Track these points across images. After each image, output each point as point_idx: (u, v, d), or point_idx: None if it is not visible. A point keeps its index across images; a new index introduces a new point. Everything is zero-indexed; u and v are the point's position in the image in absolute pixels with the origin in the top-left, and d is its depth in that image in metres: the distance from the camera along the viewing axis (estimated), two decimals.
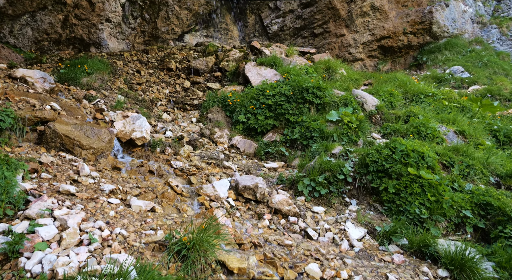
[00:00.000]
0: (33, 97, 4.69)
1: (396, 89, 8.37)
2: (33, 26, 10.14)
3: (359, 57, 12.65)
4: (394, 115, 6.84)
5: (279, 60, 7.89)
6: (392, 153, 4.69)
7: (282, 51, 8.72)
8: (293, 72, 7.20)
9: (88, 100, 5.74)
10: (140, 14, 12.28)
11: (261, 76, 7.41)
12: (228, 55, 8.46)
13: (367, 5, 12.25)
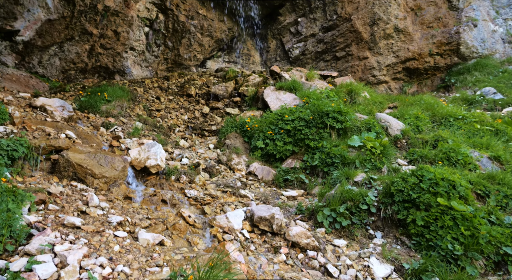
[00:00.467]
0: (50, 125, 4.70)
1: (423, 112, 8.01)
2: (60, 56, 10.48)
3: (383, 79, 12.36)
4: (421, 140, 6.49)
5: (299, 84, 7.74)
6: (419, 181, 4.36)
7: (302, 75, 8.58)
8: (313, 96, 7.02)
9: (105, 127, 5.75)
10: (163, 42, 12.54)
11: (280, 101, 7.27)
12: (248, 80, 8.40)
13: (390, 28, 12.05)
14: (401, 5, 12.29)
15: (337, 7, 12.79)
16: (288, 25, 13.79)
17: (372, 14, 12.23)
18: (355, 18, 12.43)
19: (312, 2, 13.13)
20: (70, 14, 9.74)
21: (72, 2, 9.56)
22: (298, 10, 13.53)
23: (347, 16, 12.64)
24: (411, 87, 12.10)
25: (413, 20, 12.18)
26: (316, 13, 13.18)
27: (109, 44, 11.39)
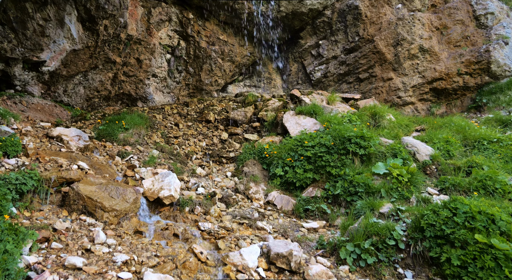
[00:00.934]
0: (64, 156, 4.65)
1: (453, 136, 7.55)
2: (85, 85, 10.70)
3: (409, 101, 11.93)
4: (452, 166, 6.04)
5: (319, 108, 7.49)
6: (453, 214, 3.95)
7: (323, 98, 8.34)
8: (334, 121, 6.74)
9: (121, 157, 5.66)
10: (185, 68, 12.65)
11: (300, 126, 7.02)
12: (267, 105, 8.24)
13: (415, 48, 11.71)
14: (425, 24, 11.97)
15: (359, 28, 12.61)
16: (309, 48, 13.68)
17: (395, 35, 11.96)
18: (378, 39, 12.18)
19: (333, 24, 13.02)
20: (94, 43, 9.98)
21: (96, 32, 9.79)
22: (319, 33, 13.43)
23: (369, 38, 12.41)
24: (439, 108, 11.59)
25: (439, 39, 11.80)
26: (338, 35, 13.02)
27: (132, 72, 11.58)
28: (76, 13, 9.32)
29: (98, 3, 9.36)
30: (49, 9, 8.66)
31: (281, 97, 9.02)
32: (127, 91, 11.63)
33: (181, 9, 12.11)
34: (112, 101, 11.68)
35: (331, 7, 13.00)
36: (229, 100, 9.81)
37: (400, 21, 12.02)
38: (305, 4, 12.62)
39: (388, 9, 12.39)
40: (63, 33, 9.18)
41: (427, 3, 12.33)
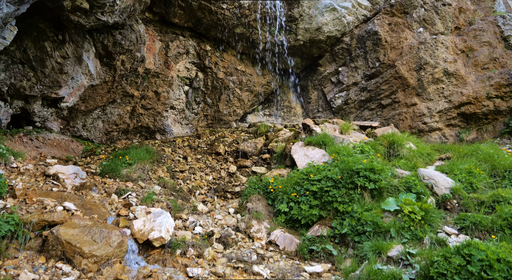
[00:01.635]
0: (54, 196, 4.57)
1: (480, 165, 6.92)
2: (103, 119, 10.90)
3: (436, 126, 11.28)
4: (476, 200, 5.46)
5: (329, 139, 7.13)
6: (466, 262, 3.46)
7: (336, 127, 7.98)
8: (343, 152, 6.34)
9: (118, 194, 5.55)
10: (203, 99, 12.70)
11: (308, 157, 6.68)
12: (277, 136, 7.98)
13: (439, 72, 11.18)
14: (449, 48, 11.46)
15: (379, 54, 12.27)
16: (329, 75, 13.43)
17: (417, 59, 11.51)
18: (399, 64, 11.77)
19: (352, 51, 12.75)
20: (112, 78, 10.21)
21: (113, 68, 10.04)
22: (338, 60, 13.18)
23: (390, 63, 12.02)
24: (469, 134, 10.87)
25: (465, 62, 11.23)
26: (357, 62, 12.72)
27: (150, 105, 11.73)
28: (94, 49, 9.61)
29: (115, 39, 9.63)
30: (67, 47, 8.97)
31: (293, 127, 8.74)
32: (145, 124, 11.76)
33: (198, 42, 12.30)
34: (130, 134, 11.83)
35: (349, 33, 12.78)
36: (241, 131, 9.64)
37: (422, 45, 11.59)
38: (322, 32, 12.48)
39: (409, 33, 12.01)
40: (81, 69, 9.45)
41: (450, 26, 11.85)
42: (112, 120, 11.04)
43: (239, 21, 11.80)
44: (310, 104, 14.02)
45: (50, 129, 9.57)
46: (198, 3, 11.14)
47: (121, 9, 8.79)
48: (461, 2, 12.10)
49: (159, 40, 11.64)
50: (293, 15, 12.10)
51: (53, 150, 7.69)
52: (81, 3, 7.75)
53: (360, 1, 12.59)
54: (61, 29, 8.69)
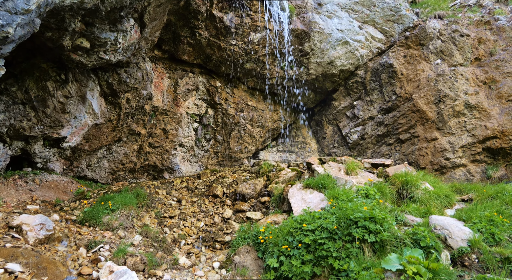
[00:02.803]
0: (6, 254, 4.15)
1: (507, 208, 6.10)
2: (109, 158, 10.71)
3: (459, 163, 10.43)
4: (499, 255, 4.67)
5: (330, 181, 6.50)
6: None
7: (342, 167, 7.36)
8: (342, 197, 5.69)
9: (89, 247, 5.08)
10: (213, 136, 12.42)
11: (305, 202, 6.07)
12: (278, 176, 7.42)
13: (459, 104, 10.47)
14: (470, 79, 10.79)
15: (395, 87, 11.71)
16: (344, 109, 12.92)
17: (436, 92, 10.87)
18: (417, 97, 11.15)
19: (367, 84, 12.26)
20: (117, 117, 10.10)
21: (118, 106, 9.94)
22: (353, 94, 12.69)
23: (407, 96, 11.42)
24: (496, 171, 9.94)
25: (488, 94, 10.48)
26: (373, 95, 12.19)
27: (158, 143, 11.53)
28: (98, 88, 9.56)
29: (120, 77, 9.58)
30: (70, 86, 8.95)
31: (297, 166, 8.15)
32: (153, 162, 11.51)
33: (208, 78, 12.18)
34: (138, 173, 11.58)
35: (363, 67, 12.35)
36: (244, 171, 9.14)
37: (440, 77, 10.98)
38: (335, 66, 12.12)
39: (426, 65, 11.45)
40: (84, 108, 9.38)
41: (469, 57, 11.22)
42: (118, 159, 10.85)
43: (248, 56, 11.64)
44: (325, 139, 13.46)
45: (52, 170, 9.41)
46: (207, 40, 11.11)
47: (124, 48, 8.75)
48: (480, 32, 11.51)
49: (168, 77, 11.59)
50: (304, 50, 11.85)
51: (49, 193, 7.46)
52: (82, 42, 7.74)
53: (374, 34, 12.23)
54: (63, 68, 8.71)
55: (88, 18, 7.28)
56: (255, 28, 11.19)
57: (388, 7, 12.21)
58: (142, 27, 9.11)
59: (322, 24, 11.64)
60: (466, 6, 13.57)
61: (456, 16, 12.38)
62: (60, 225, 5.49)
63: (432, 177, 7.74)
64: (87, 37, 7.76)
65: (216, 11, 10.78)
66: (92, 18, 7.31)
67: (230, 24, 10.97)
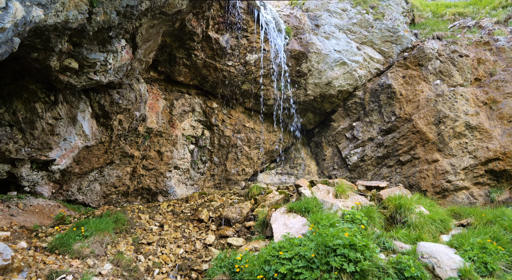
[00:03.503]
0: None
1: (505, 234, 5.70)
2: (101, 181, 10.51)
3: (462, 185, 10.01)
4: None
5: (315, 204, 6.16)
6: None
7: (331, 189, 7.02)
8: (324, 222, 5.34)
9: (50, 278, 4.78)
10: (209, 158, 12.21)
11: (287, 227, 5.74)
12: (265, 199, 7.12)
13: (460, 125, 10.14)
14: (470, 100, 10.50)
15: (394, 108, 11.46)
16: (343, 130, 12.65)
17: (435, 112, 10.58)
18: (417, 118, 10.86)
19: (366, 105, 12.04)
20: (109, 138, 9.97)
21: (110, 127, 9.82)
22: (352, 115, 12.45)
23: (407, 116, 11.14)
24: (500, 194, 9.49)
25: (489, 115, 10.15)
26: (372, 116, 11.93)
27: (152, 165, 11.35)
28: (90, 109, 9.47)
29: (112, 98, 9.50)
30: (60, 107, 8.87)
31: (286, 188, 7.82)
32: (147, 185, 11.30)
33: (204, 99, 12.10)
34: (131, 196, 11.36)
35: (362, 87, 12.16)
36: (233, 194, 8.84)
37: (440, 97, 10.71)
38: (333, 87, 11.96)
39: (425, 85, 11.21)
40: (75, 130, 9.28)
41: (469, 77, 10.96)
42: (110, 182, 10.66)
43: (245, 77, 11.57)
44: (325, 161, 13.15)
45: (40, 194, 9.23)
46: (203, 61, 11.08)
47: (115, 68, 8.70)
48: (479, 53, 11.29)
49: (163, 98, 11.53)
50: (301, 70, 11.74)
51: (31, 218, 7.26)
52: (70, 63, 7.67)
53: (372, 55, 12.09)
54: (53, 89, 8.64)
55: (76, 38, 7.24)
56: (252, 49, 11.15)
57: (386, 28, 12.11)
58: (134, 48, 9.09)
59: (319, 45, 11.56)
60: (465, 27, 13.43)
61: (455, 37, 12.22)
62: (25, 254, 5.23)
63: (428, 200, 7.37)
64: (75, 58, 7.71)
65: (212, 32, 10.78)
66: (80, 38, 7.27)
67: (226, 45, 10.95)
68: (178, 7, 8.76)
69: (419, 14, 15.36)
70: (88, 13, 6.77)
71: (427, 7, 16.61)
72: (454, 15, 15.28)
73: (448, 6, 16.82)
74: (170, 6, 8.60)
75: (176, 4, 8.64)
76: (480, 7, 15.37)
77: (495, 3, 14.68)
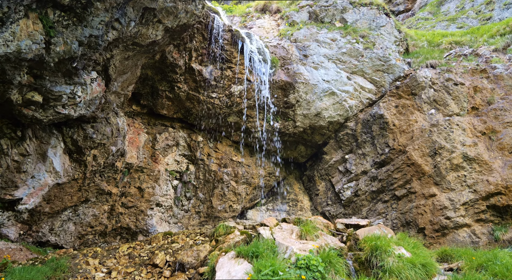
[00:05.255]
0: None
1: None
2: (75, 221, 9.87)
3: (462, 222, 9.18)
4: None
5: (267, 247, 5.36)
6: None
7: (295, 229, 6.25)
8: (266, 270, 4.55)
9: None
10: (194, 194, 11.56)
11: (230, 275, 4.95)
12: (225, 241, 6.37)
13: (457, 157, 9.46)
14: (466, 129, 9.87)
15: (387, 139, 10.84)
16: (336, 163, 11.99)
17: (431, 143, 9.94)
18: (411, 149, 10.21)
19: (358, 136, 11.44)
20: (82, 175, 9.41)
21: (84, 163, 9.29)
22: (344, 147, 11.83)
23: (401, 148, 10.49)
24: (505, 232, 8.64)
25: (488, 145, 9.48)
26: (365, 148, 11.30)
27: (132, 202, 10.72)
28: (62, 145, 8.99)
29: (85, 133, 9.04)
30: (27, 143, 8.39)
31: (252, 228, 7.05)
32: (126, 224, 10.61)
33: (189, 133, 11.63)
34: (109, 237, 10.63)
35: (353, 118, 11.62)
36: (199, 234, 8.09)
37: (435, 127, 10.10)
38: (323, 117, 11.43)
39: (419, 115, 10.63)
40: (44, 167, 8.76)
41: (466, 106, 10.38)
42: (86, 222, 10.00)
43: (230, 109, 11.12)
44: (318, 196, 12.41)
45: (5, 236, 8.60)
46: (186, 94, 10.71)
47: (86, 102, 8.26)
48: (475, 81, 10.78)
49: (145, 132, 11.07)
50: (289, 101, 11.28)
51: None
52: (33, 96, 7.23)
53: (363, 84, 11.64)
54: (20, 125, 8.23)
55: (36, 70, 6.83)
56: (237, 80, 10.77)
57: (376, 57, 11.72)
58: (107, 80, 8.71)
59: (307, 75, 11.15)
60: (461, 56, 13.03)
61: (450, 65, 11.77)
62: None
63: (413, 240, 6.59)
64: (38, 91, 7.28)
65: (195, 64, 10.46)
66: (41, 70, 6.87)
67: (209, 77, 10.59)
68: (152, 38, 8.45)
69: (414, 43, 15.05)
70: (45, 43, 6.39)
71: (422, 37, 16.33)
72: (450, 44, 14.96)
73: (444, 35, 16.54)
74: (143, 37, 8.29)
75: (149, 35, 8.34)
76: (477, 36, 15.04)
77: (492, 31, 14.35)
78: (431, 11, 23.77)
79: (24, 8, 6.05)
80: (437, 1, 24.35)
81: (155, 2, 7.65)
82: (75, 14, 6.64)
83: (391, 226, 10.14)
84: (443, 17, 22.08)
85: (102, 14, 6.90)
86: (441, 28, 19.86)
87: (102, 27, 7.03)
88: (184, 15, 8.55)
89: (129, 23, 7.61)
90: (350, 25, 12.56)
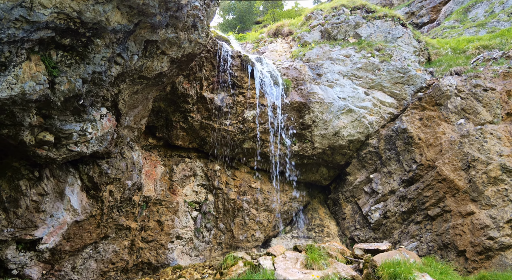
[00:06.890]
0: None
1: None
2: (96, 258, 9.78)
3: (508, 243, 8.26)
4: None
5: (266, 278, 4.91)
6: None
7: (300, 258, 5.69)
8: None
9: None
10: (215, 225, 11.25)
11: None
12: (227, 273, 5.92)
13: (494, 169, 8.67)
14: (503, 138, 9.08)
15: (414, 154, 10.17)
16: (360, 184, 11.36)
17: (462, 156, 9.20)
18: (441, 164, 9.49)
19: (381, 154, 10.82)
20: (100, 211, 9.38)
21: (100, 199, 9.28)
22: (368, 166, 11.22)
23: (430, 163, 9.79)
24: None
25: None
26: (390, 166, 10.64)
27: (151, 236, 10.54)
28: (79, 182, 9.03)
29: (101, 169, 9.07)
30: (45, 183, 8.48)
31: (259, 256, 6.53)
32: (147, 259, 10.41)
33: (206, 162, 11.45)
34: (131, 273, 10.45)
35: (375, 135, 11.05)
36: (207, 266, 7.68)
37: (465, 138, 9.38)
38: (342, 137, 10.95)
39: (447, 126, 9.94)
40: (62, 205, 8.80)
41: (499, 113, 9.61)
42: (107, 258, 9.89)
43: (245, 135, 10.89)
44: (345, 220, 11.74)
45: (28, 277, 8.60)
46: (199, 123, 10.62)
47: (98, 138, 8.30)
48: (508, 85, 10.03)
49: (162, 164, 11.01)
50: (305, 122, 10.92)
51: None
52: (44, 136, 7.32)
53: (383, 99, 11.12)
54: (37, 165, 8.35)
55: (45, 110, 6.92)
56: (249, 105, 10.59)
57: (394, 69, 11.22)
58: (118, 115, 8.75)
59: (321, 94, 10.80)
60: (490, 60, 12.24)
61: (477, 70, 11.03)
62: None
63: (442, 265, 5.87)
64: (49, 130, 7.37)
65: (206, 92, 10.41)
66: (49, 110, 6.95)
67: (222, 104, 10.49)
68: (158, 69, 8.45)
69: (436, 52, 14.39)
70: (49, 83, 6.47)
71: (446, 44, 15.60)
72: (477, 48, 14.16)
73: (470, 40, 15.73)
74: (149, 70, 8.31)
75: (155, 67, 8.35)
76: (508, 37, 14.17)
77: None
78: (457, 19, 22.89)
79: (26, 51, 6.16)
80: (463, 8, 23.46)
81: (156, 34, 7.67)
82: (77, 52, 6.71)
83: (426, 249, 9.31)
84: (471, 23, 21.14)
85: (103, 50, 6.94)
86: (469, 35, 18.97)
87: (104, 63, 7.06)
88: (188, 44, 8.53)
89: (132, 57, 7.65)
90: (364, 40, 12.20)
